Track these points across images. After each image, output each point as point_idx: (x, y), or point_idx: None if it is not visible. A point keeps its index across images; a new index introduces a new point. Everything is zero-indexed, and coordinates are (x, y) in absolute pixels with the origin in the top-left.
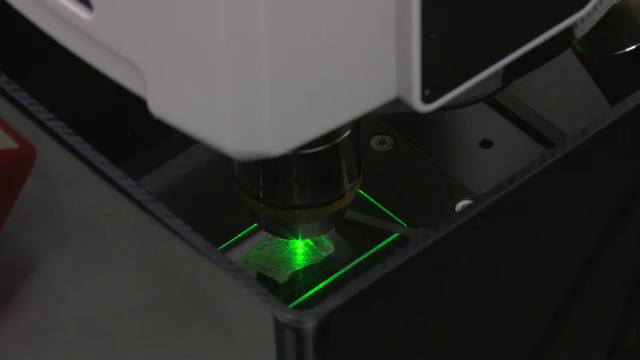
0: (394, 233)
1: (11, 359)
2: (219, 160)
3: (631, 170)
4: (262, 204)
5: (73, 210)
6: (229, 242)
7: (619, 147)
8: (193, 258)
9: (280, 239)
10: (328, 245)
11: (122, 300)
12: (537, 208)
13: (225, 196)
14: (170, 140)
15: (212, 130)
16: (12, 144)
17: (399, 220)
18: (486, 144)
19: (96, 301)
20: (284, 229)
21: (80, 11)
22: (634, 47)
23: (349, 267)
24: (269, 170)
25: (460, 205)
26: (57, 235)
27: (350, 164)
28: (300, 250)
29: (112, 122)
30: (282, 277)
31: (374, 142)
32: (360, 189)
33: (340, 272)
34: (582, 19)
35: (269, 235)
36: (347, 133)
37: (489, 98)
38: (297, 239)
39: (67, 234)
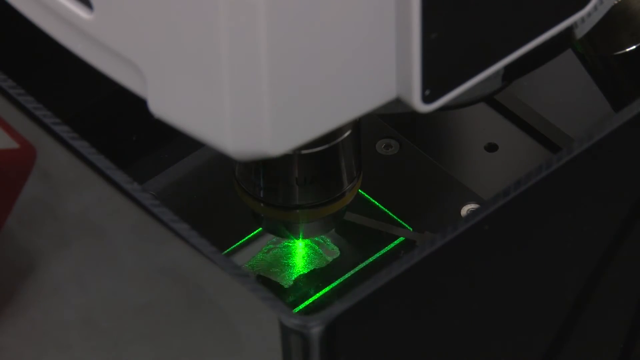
0: (399, 237)
1: (11, 359)
2: (224, 164)
3: (638, 174)
4: (262, 204)
5: (74, 210)
6: (234, 246)
7: (626, 151)
8: (196, 260)
9: (285, 243)
10: (333, 249)
11: (122, 300)
12: (543, 212)
13: (230, 200)
14: (176, 143)
15: (212, 130)
16: (13, 144)
17: (405, 224)
18: (492, 147)
19: (97, 301)
20: (285, 229)
21: (80, 11)
22: (634, 47)
23: (354, 271)
24: (269, 170)
25: (466, 209)
26: (58, 235)
27: (350, 164)
28: (305, 254)
29: (117, 126)
30: (287, 282)
31: (380, 146)
32: (366, 193)
33: (346, 277)
34: (582, 19)
35: (274, 239)
36: (347, 133)
37: (489, 98)
38: (297, 239)
39: (67, 234)
